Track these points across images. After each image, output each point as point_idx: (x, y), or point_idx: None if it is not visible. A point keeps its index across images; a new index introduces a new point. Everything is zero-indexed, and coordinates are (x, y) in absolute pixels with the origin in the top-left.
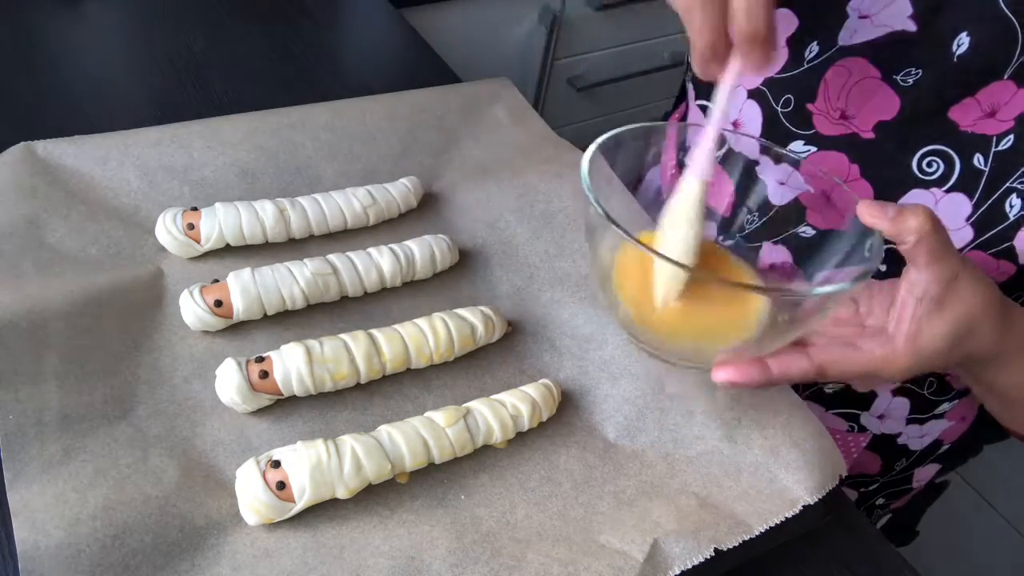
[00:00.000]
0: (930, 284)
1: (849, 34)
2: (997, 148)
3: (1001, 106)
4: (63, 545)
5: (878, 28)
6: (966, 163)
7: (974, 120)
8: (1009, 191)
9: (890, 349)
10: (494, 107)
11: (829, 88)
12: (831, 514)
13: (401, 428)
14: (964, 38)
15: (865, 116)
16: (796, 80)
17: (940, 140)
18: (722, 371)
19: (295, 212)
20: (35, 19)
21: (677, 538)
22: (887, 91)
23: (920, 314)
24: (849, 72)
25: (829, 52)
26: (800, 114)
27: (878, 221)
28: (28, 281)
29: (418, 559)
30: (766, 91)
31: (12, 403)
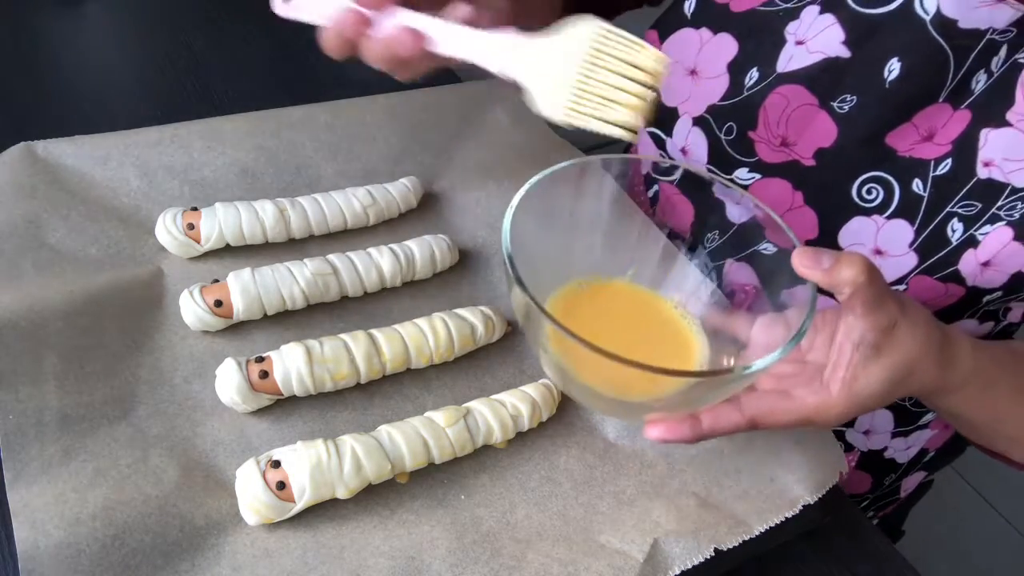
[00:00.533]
0: (867, 332)
1: (786, 60)
2: (935, 173)
3: (938, 129)
4: (63, 545)
5: (813, 54)
6: (905, 189)
7: (911, 145)
8: (950, 216)
9: (823, 397)
10: (494, 107)
11: (768, 115)
12: (831, 514)
13: (401, 428)
14: (895, 64)
15: (805, 143)
16: (736, 108)
17: (879, 166)
18: (654, 428)
19: (295, 212)
20: (35, 19)
21: (677, 538)
22: (824, 118)
23: (857, 360)
24: (787, 100)
25: (768, 79)
26: (743, 142)
27: (811, 272)
28: (28, 281)
29: (418, 559)
30: (709, 119)
31: (12, 403)
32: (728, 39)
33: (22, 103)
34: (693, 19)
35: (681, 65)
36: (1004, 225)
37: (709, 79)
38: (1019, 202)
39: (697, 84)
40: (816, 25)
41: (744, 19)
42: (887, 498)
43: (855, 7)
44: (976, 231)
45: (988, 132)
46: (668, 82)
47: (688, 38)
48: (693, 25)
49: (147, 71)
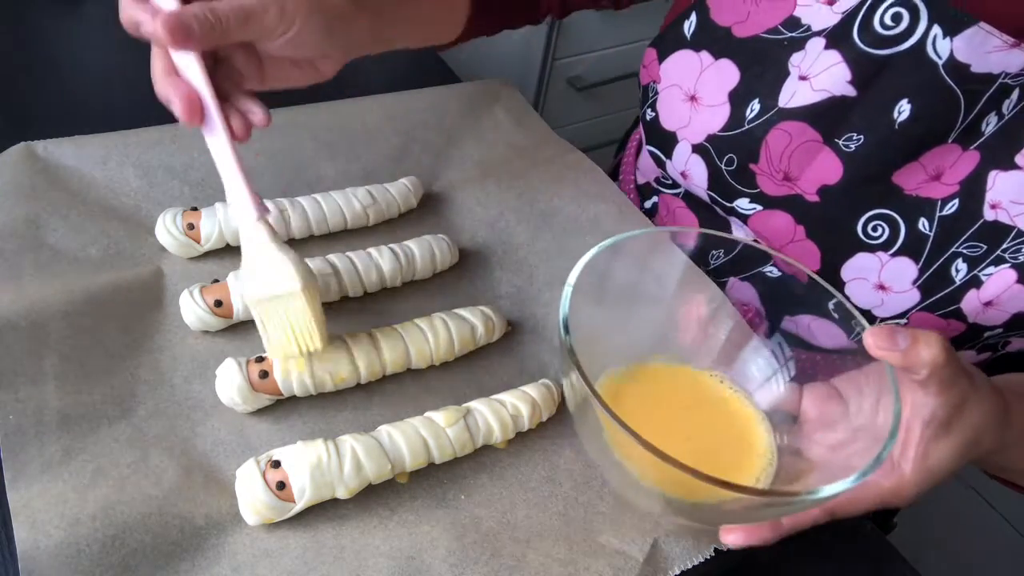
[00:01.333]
0: (938, 409)
1: (789, 95)
2: (942, 212)
3: (946, 169)
4: (63, 545)
5: (818, 92)
6: (911, 227)
7: (919, 184)
8: (955, 256)
9: (897, 478)
10: (494, 107)
11: (771, 150)
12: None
13: (401, 428)
14: (905, 105)
15: (808, 179)
16: (738, 140)
17: (885, 204)
18: (731, 534)
19: (295, 212)
20: (35, 19)
21: (677, 538)
22: (829, 155)
23: (928, 437)
24: (790, 136)
25: (769, 113)
26: (744, 173)
27: (888, 354)
28: (28, 281)
29: (418, 559)
30: (709, 147)
31: (12, 403)
32: (729, 66)
33: (22, 103)
34: (693, 41)
35: (680, 89)
36: (1008, 267)
37: (709, 107)
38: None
39: (697, 111)
40: (821, 61)
41: (747, 45)
42: None
43: (862, 46)
44: (980, 272)
45: (996, 174)
46: (667, 105)
47: (688, 61)
48: (693, 47)
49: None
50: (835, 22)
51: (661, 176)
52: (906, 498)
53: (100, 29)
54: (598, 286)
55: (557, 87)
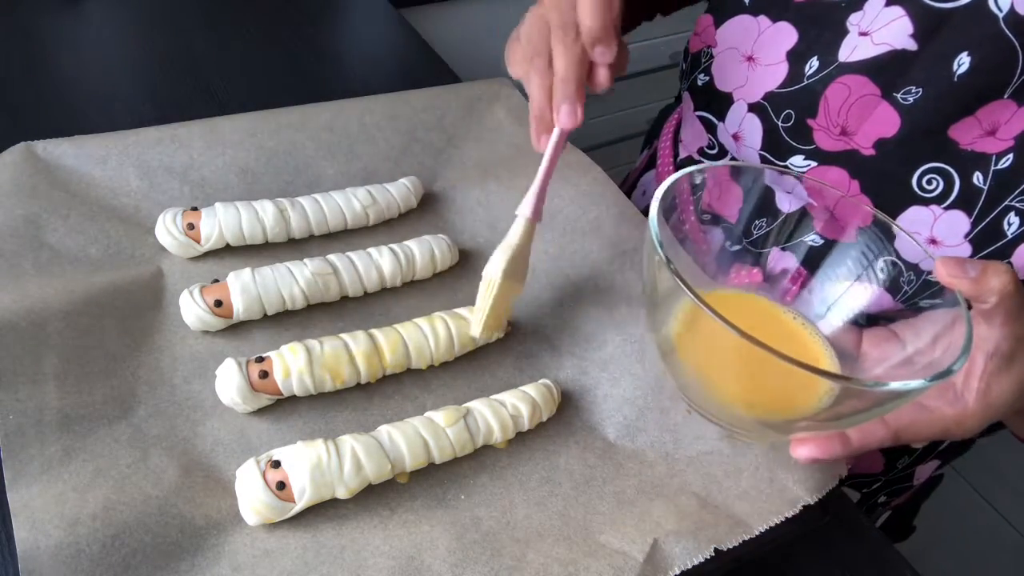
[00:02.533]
0: (1002, 341)
1: (849, 50)
2: (996, 167)
3: (1001, 125)
4: (63, 545)
5: (878, 46)
6: (965, 181)
7: (974, 138)
8: (1008, 209)
9: (961, 408)
10: (494, 107)
11: (829, 104)
12: (831, 514)
13: (401, 428)
14: (964, 58)
15: (865, 132)
16: (796, 95)
17: (940, 158)
18: (803, 447)
19: (295, 212)
20: (35, 19)
21: (677, 538)
22: (887, 108)
23: (991, 370)
24: (849, 89)
25: (829, 68)
26: (800, 129)
27: (958, 281)
28: (28, 281)
29: (418, 559)
30: (766, 105)
31: (12, 403)
32: (788, 27)
33: (22, 103)
34: (752, 6)
35: (738, 51)
36: None
37: (767, 66)
38: None
39: (754, 70)
40: (882, 17)
41: (805, 8)
42: (900, 483)
43: (926, 0)
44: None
45: None
46: (723, 67)
47: (746, 25)
48: (751, 12)
49: (147, 71)
50: None
51: (706, 146)
52: (968, 429)
53: (100, 29)
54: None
55: None
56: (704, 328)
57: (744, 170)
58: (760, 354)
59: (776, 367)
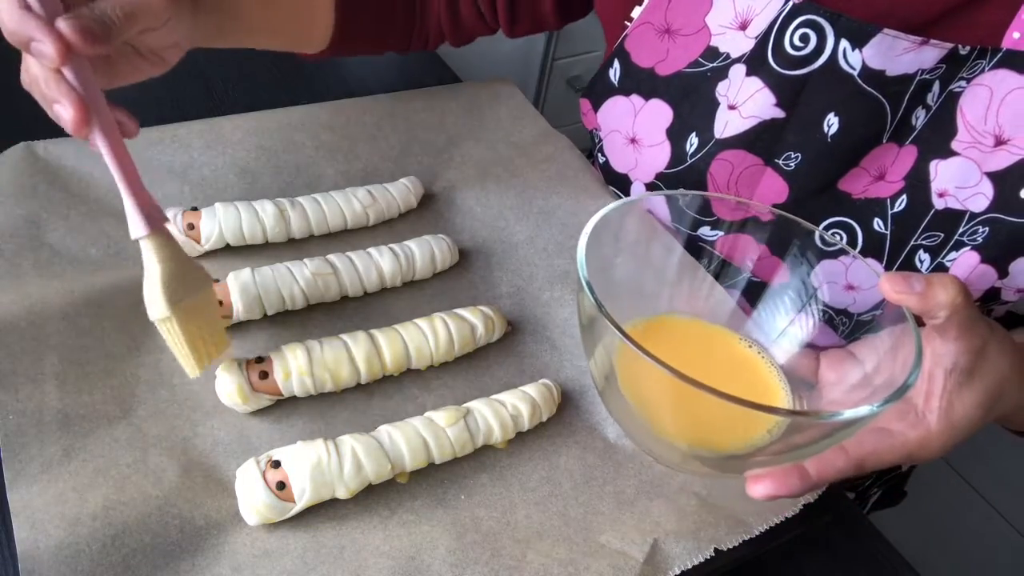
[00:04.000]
0: (960, 356)
1: (722, 126)
2: (894, 210)
3: (888, 168)
4: (63, 545)
5: (747, 120)
6: (867, 229)
7: (865, 186)
8: (916, 248)
9: (923, 430)
10: (494, 107)
11: (716, 180)
12: (830, 514)
13: (401, 428)
14: (833, 118)
15: (759, 200)
16: (684, 175)
17: (837, 212)
18: (759, 484)
19: (295, 212)
20: None
21: (677, 538)
22: (772, 176)
23: (951, 387)
24: (732, 165)
25: (708, 146)
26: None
27: (905, 297)
28: (28, 281)
29: (418, 559)
30: (660, 185)
31: (12, 403)
32: (661, 104)
33: (22, 103)
34: (620, 86)
35: (620, 134)
36: (969, 250)
37: (650, 147)
38: (979, 226)
39: (640, 152)
40: (745, 89)
41: (672, 82)
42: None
43: (779, 69)
44: (944, 259)
45: (937, 163)
46: (612, 150)
47: (621, 106)
48: (623, 93)
49: None
50: (750, 47)
51: None
52: (933, 451)
53: None
54: (611, 242)
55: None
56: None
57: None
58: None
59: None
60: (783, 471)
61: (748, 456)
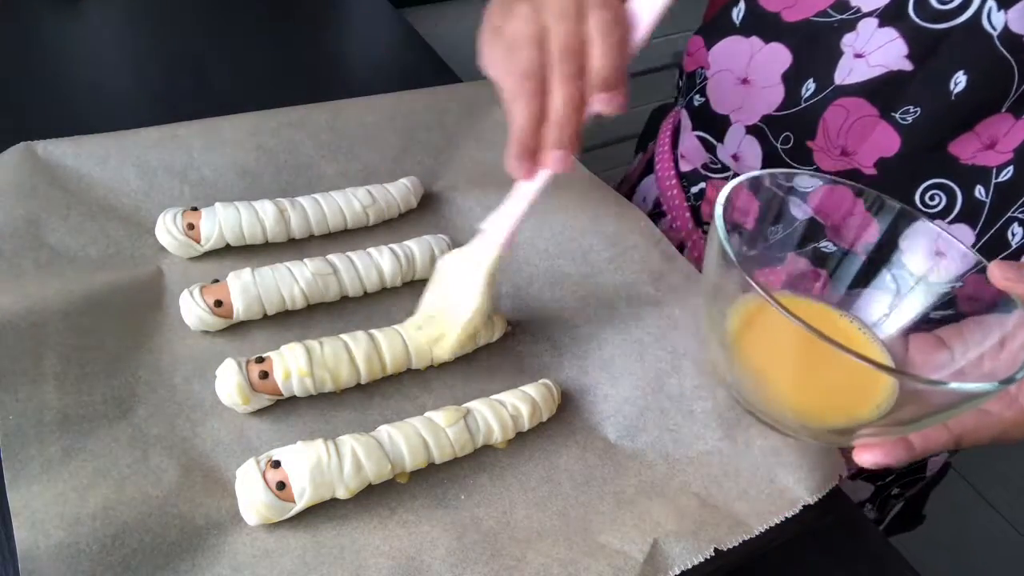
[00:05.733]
0: None
1: (845, 73)
2: (997, 180)
3: (1000, 138)
4: (63, 545)
5: (874, 68)
6: (967, 195)
7: (974, 153)
8: (1011, 220)
9: (1018, 411)
10: (494, 107)
11: (828, 127)
12: (831, 514)
13: (401, 428)
14: (961, 76)
15: (865, 153)
16: (795, 118)
17: (941, 174)
18: (867, 453)
19: (295, 212)
20: (35, 19)
21: (677, 538)
22: (886, 128)
23: None
24: (847, 111)
25: (825, 91)
26: (800, 151)
27: (1014, 285)
28: (28, 281)
29: (418, 559)
30: (764, 127)
31: (12, 403)
32: (781, 49)
33: (22, 103)
34: (743, 27)
35: (732, 73)
36: None
37: (763, 88)
38: None
39: (750, 93)
40: (876, 39)
41: (797, 29)
42: (913, 475)
43: (919, 21)
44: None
45: None
46: (718, 89)
47: (738, 47)
48: (743, 33)
49: (147, 71)
50: (887, 1)
51: (709, 161)
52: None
53: (100, 29)
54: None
55: None
56: (768, 327)
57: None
58: (826, 351)
59: (840, 366)
60: (891, 442)
61: (857, 428)
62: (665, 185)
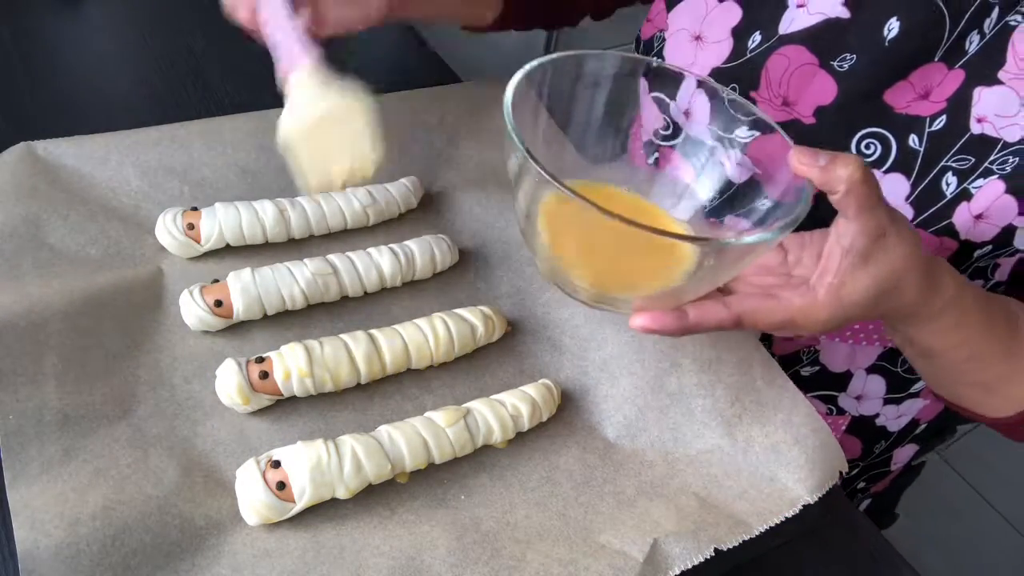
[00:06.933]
0: (857, 236)
1: (787, 23)
2: (931, 128)
3: (933, 88)
4: (63, 545)
5: (813, 16)
6: (902, 144)
7: (908, 102)
8: (944, 169)
9: (810, 299)
10: (494, 107)
11: (770, 76)
12: (831, 514)
13: (401, 428)
14: (894, 23)
15: (805, 102)
16: (739, 70)
17: (877, 123)
18: (640, 317)
19: (295, 212)
20: (35, 19)
21: (677, 538)
22: (824, 77)
23: (845, 267)
24: (788, 60)
25: (770, 41)
26: None
27: (808, 169)
28: (28, 281)
29: (418, 559)
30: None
31: (12, 403)
32: (733, 6)
33: (22, 103)
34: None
35: (687, 32)
36: (996, 179)
37: (712, 43)
38: (1011, 156)
39: (701, 49)
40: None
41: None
42: (878, 468)
43: None
44: (969, 184)
45: (981, 90)
46: (673, 49)
47: (695, 5)
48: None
49: (147, 71)
50: None
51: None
52: (815, 322)
53: (100, 29)
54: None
55: None
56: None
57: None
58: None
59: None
60: (664, 310)
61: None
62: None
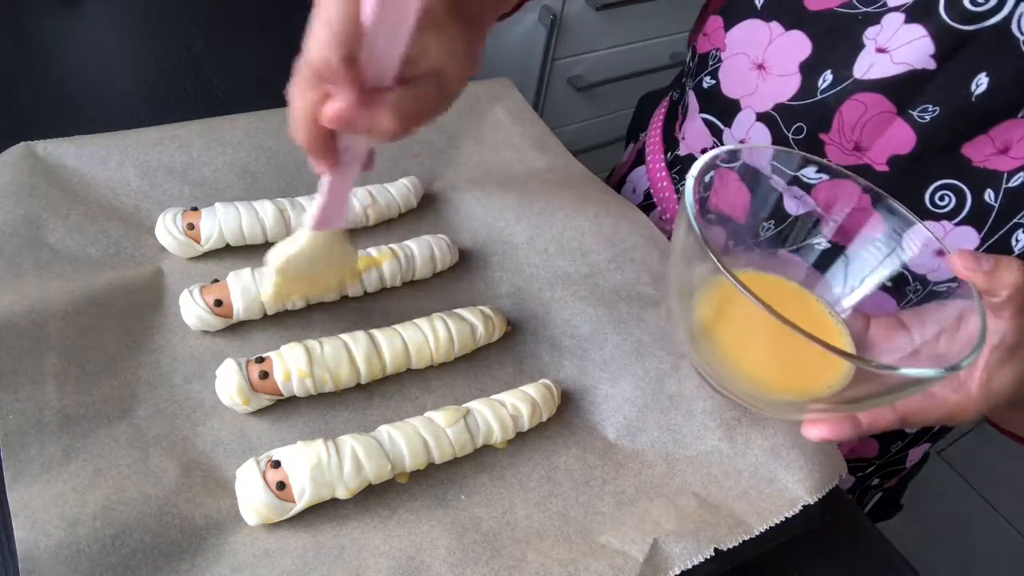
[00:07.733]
0: (1007, 334)
1: (865, 67)
2: (1008, 184)
3: (1013, 143)
4: (63, 545)
5: (898, 65)
6: (977, 198)
7: (986, 156)
8: (1016, 226)
9: (964, 396)
10: (494, 107)
11: (844, 121)
12: (831, 514)
13: (401, 428)
14: (983, 78)
15: (879, 149)
16: (809, 109)
17: (953, 175)
18: (815, 427)
19: (295, 212)
20: (35, 19)
21: (677, 538)
22: (902, 126)
23: (993, 361)
24: (865, 107)
25: (844, 84)
26: (812, 142)
27: (972, 274)
28: (28, 281)
29: (418, 559)
30: (776, 116)
31: (12, 403)
32: (801, 37)
33: (22, 103)
34: (763, 11)
35: (748, 57)
36: None
37: (778, 76)
38: None
39: (764, 80)
40: (901, 35)
41: (820, 18)
42: (892, 466)
43: (948, 21)
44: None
45: None
46: (731, 73)
47: (757, 30)
48: (763, 17)
49: (147, 71)
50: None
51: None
52: (968, 415)
53: (100, 29)
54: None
55: (557, 87)
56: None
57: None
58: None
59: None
60: (839, 418)
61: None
62: (656, 176)
